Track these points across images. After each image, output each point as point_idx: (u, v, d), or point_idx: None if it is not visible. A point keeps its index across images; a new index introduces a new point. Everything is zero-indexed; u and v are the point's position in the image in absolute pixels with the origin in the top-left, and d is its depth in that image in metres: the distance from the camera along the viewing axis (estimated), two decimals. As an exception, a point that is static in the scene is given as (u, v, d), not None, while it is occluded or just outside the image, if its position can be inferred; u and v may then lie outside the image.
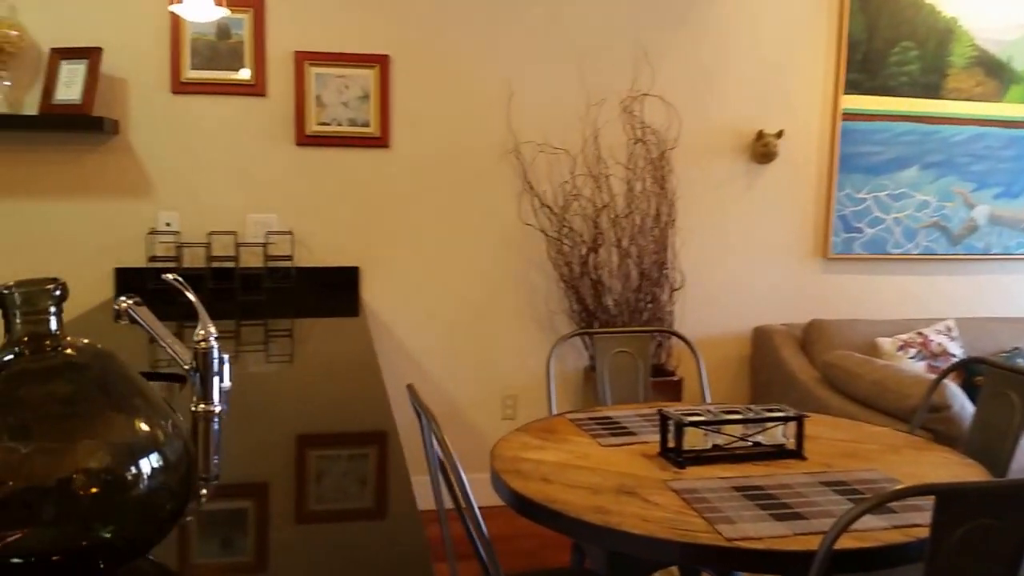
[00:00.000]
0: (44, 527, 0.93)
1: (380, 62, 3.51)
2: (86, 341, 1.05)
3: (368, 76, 3.51)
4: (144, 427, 1.02)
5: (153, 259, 3.40)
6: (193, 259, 3.44)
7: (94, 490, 0.94)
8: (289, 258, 3.51)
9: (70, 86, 3.21)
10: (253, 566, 1.07)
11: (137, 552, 1.01)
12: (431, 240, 3.65)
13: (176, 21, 3.35)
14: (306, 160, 3.52)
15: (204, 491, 1.33)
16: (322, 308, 3.17)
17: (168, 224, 3.45)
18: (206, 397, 1.76)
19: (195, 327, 1.80)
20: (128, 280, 3.41)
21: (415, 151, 3.60)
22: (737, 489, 1.79)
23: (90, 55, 3.23)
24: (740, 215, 3.92)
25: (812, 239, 4.01)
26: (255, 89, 3.45)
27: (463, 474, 1.68)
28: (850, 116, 3.94)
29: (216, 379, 1.78)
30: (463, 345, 3.71)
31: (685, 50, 3.77)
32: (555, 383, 3.79)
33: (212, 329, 1.78)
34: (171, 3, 2.59)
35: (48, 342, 1.00)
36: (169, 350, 1.77)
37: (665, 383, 3.54)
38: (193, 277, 3.41)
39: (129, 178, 3.41)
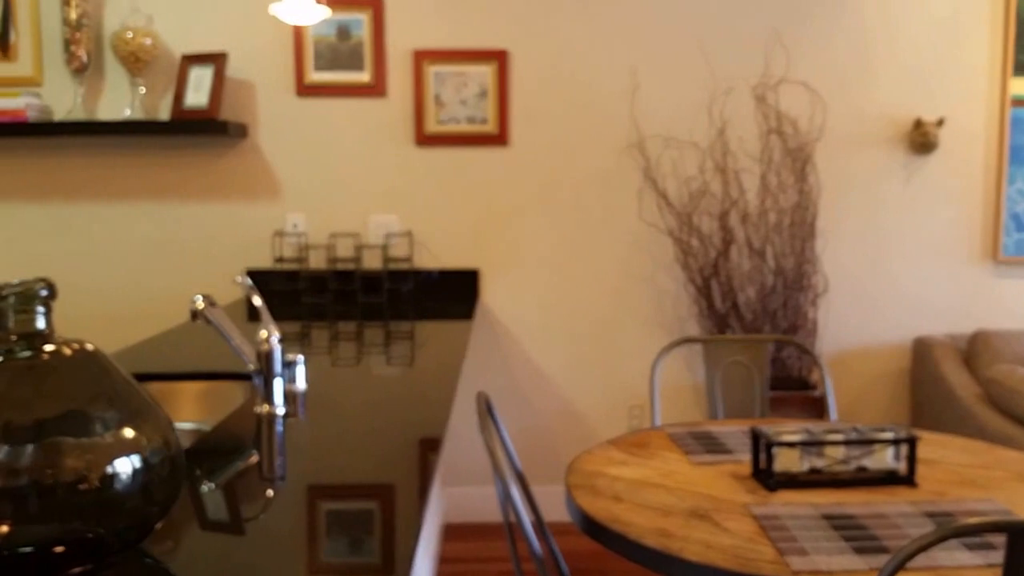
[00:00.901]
0: (22, 522, 0.92)
1: (498, 57, 3.44)
2: (76, 342, 1.03)
3: (486, 72, 3.45)
4: (123, 429, 0.99)
5: (279, 260, 3.48)
6: (318, 261, 3.49)
7: (65, 488, 0.93)
8: (409, 260, 3.50)
9: (198, 91, 3.34)
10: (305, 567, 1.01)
11: (115, 548, 0.99)
12: (552, 240, 3.54)
13: (298, 26, 3.41)
14: (425, 160, 3.50)
15: (270, 491, 1.30)
16: (440, 311, 3.12)
17: (295, 225, 3.52)
18: (269, 399, 1.74)
19: (321, 327, 1.78)
20: (257, 281, 3.51)
21: (534, 148, 3.50)
22: (826, 517, 1.57)
23: (216, 60, 3.35)
24: (895, 212, 3.56)
25: (979, 239, 3.59)
26: (375, 89, 3.46)
27: (514, 490, 1.56)
28: (1020, 102, 3.49)
29: (279, 381, 1.75)
30: (586, 350, 3.58)
31: (827, 30, 3.46)
32: (665, 394, 3.58)
33: (275, 331, 1.75)
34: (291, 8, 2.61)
35: (36, 341, 0.98)
36: (236, 351, 1.76)
37: (802, 398, 3.25)
38: (316, 279, 3.47)
39: (258, 180, 3.51)
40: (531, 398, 3.59)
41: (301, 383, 1.92)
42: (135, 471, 0.98)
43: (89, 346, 1.02)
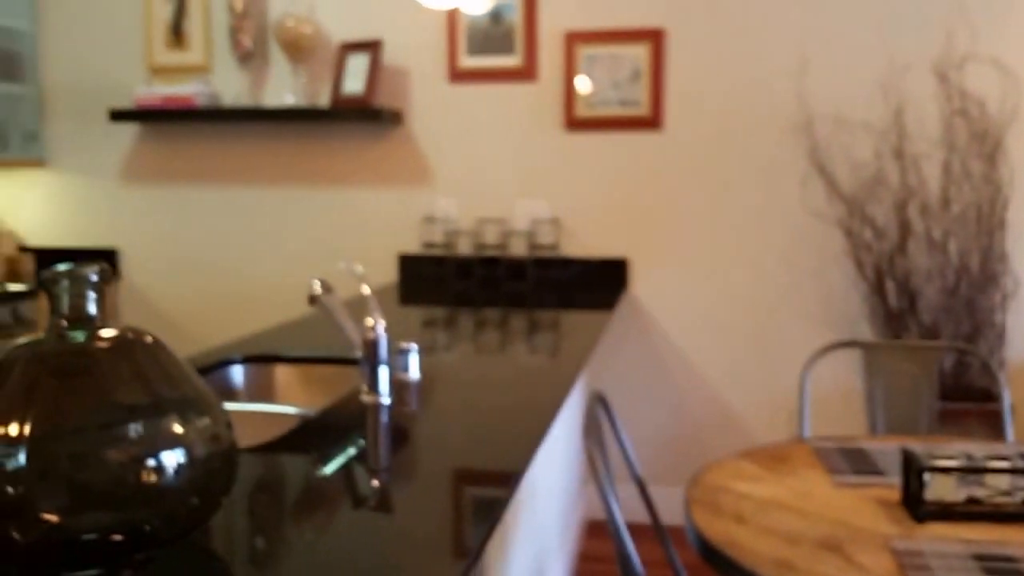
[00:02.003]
0: (71, 511, 0.90)
1: (654, 37, 3.27)
2: (131, 330, 1.01)
3: (640, 53, 3.29)
4: (170, 422, 0.96)
5: (428, 245, 3.49)
6: (465, 246, 3.47)
7: (110, 479, 0.91)
8: (555, 247, 3.41)
9: (355, 78, 3.38)
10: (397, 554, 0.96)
11: (163, 539, 0.96)
12: (708, 229, 3.34)
13: (452, 11, 3.39)
14: (574, 145, 3.39)
15: (375, 482, 1.28)
16: (583, 300, 3.02)
17: (445, 211, 3.51)
18: (374, 387, 1.70)
19: (462, 313, 1.74)
20: (407, 265, 3.54)
21: (690, 132, 3.31)
22: (978, 558, 1.35)
23: (372, 48, 3.38)
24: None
25: None
26: (525, 73, 3.38)
27: (610, 495, 1.44)
28: None
29: (384, 369, 1.71)
30: (742, 349, 3.36)
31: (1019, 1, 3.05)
32: (826, 402, 3.29)
33: (380, 320, 1.71)
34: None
35: (88, 326, 0.97)
36: (347, 338, 1.73)
37: (982, 412, 2.90)
38: (463, 264, 3.45)
39: (410, 166, 3.53)
40: (678, 395, 3.42)
41: (415, 372, 1.87)
42: (180, 465, 0.94)
43: (146, 336, 1.00)
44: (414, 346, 1.88)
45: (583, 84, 3.32)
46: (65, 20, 3.73)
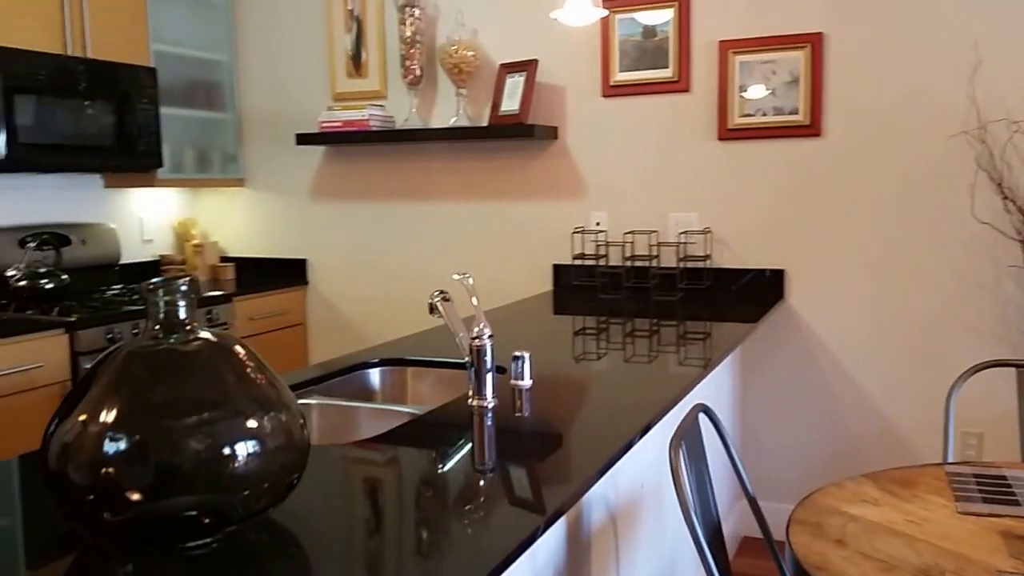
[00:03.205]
0: (158, 491, 1.04)
1: (812, 41, 3.17)
2: (218, 334, 1.15)
3: (797, 58, 3.20)
4: (246, 417, 1.08)
5: (579, 256, 3.56)
6: (616, 258, 3.52)
7: (184, 463, 1.03)
8: (706, 258, 3.38)
9: (512, 97, 3.52)
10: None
11: (236, 519, 1.08)
12: (871, 240, 3.19)
13: (606, 26, 3.45)
14: (728, 155, 3.35)
15: (481, 481, 1.36)
16: (735, 312, 2.98)
17: (598, 223, 3.58)
18: (479, 392, 1.80)
19: (617, 322, 1.81)
20: (560, 276, 3.63)
21: (851, 139, 3.18)
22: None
23: (528, 67, 3.50)
24: None
25: None
26: (678, 85, 3.38)
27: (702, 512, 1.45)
28: None
29: (489, 375, 1.80)
30: (907, 364, 3.18)
31: None
32: (997, 425, 3.03)
33: (487, 328, 1.81)
34: (596, 11, 2.66)
35: (179, 330, 1.12)
36: (459, 345, 1.84)
37: None
38: (613, 275, 3.49)
39: (565, 180, 3.62)
40: (834, 410, 3.28)
41: (527, 379, 1.95)
42: (252, 454, 1.06)
43: (229, 337, 1.14)
44: (526, 354, 1.96)
45: (755, 92, 3.28)
46: (260, 53, 4.14)
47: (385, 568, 1.05)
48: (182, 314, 1.11)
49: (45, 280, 3.26)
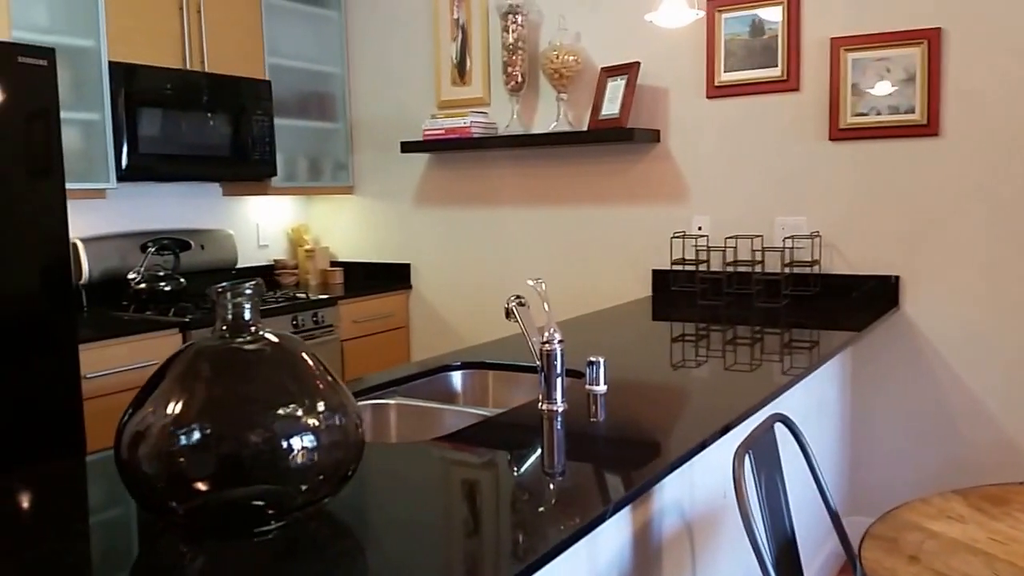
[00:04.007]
0: (223, 481, 1.09)
1: (928, 37, 3.00)
2: (279, 334, 1.19)
3: (914, 55, 3.03)
4: (304, 413, 1.12)
5: (679, 261, 3.48)
6: (718, 263, 3.43)
7: (246, 455, 1.08)
8: (814, 263, 3.24)
9: (613, 101, 3.49)
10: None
11: (288, 511, 1.13)
12: (991, 244, 2.98)
13: (711, 25, 3.37)
14: (839, 156, 3.21)
15: (551, 485, 1.36)
16: (845, 319, 2.85)
17: (700, 228, 3.50)
18: (549, 396, 1.79)
19: (717, 329, 1.79)
20: (659, 281, 3.57)
21: (971, 138, 2.98)
22: None
23: (629, 70, 3.46)
24: None
25: None
26: (787, 84, 3.27)
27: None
28: None
29: (559, 380, 1.78)
30: (1041, 379, 2.95)
31: None
32: None
33: (557, 333, 1.79)
34: (699, 12, 2.62)
35: (245, 330, 1.17)
36: (531, 350, 1.84)
37: None
38: (715, 281, 3.40)
39: (667, 183, 3.56)
40: (951, 422, 3.08)
41: (602, 385, 1.92)
42: (307, 448, 1.10)
43: (292, 339, 1.18)
44: (601, 359, 1.93)
45: (869, 90, 3.13)
46: (370, 64, 4.26)
47: (429, 550, 1.08)
48: (247, 316, 1.16)
49: (163, 283, 3.45)
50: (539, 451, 1.52)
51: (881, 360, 3.21)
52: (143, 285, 3.45)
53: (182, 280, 3.54)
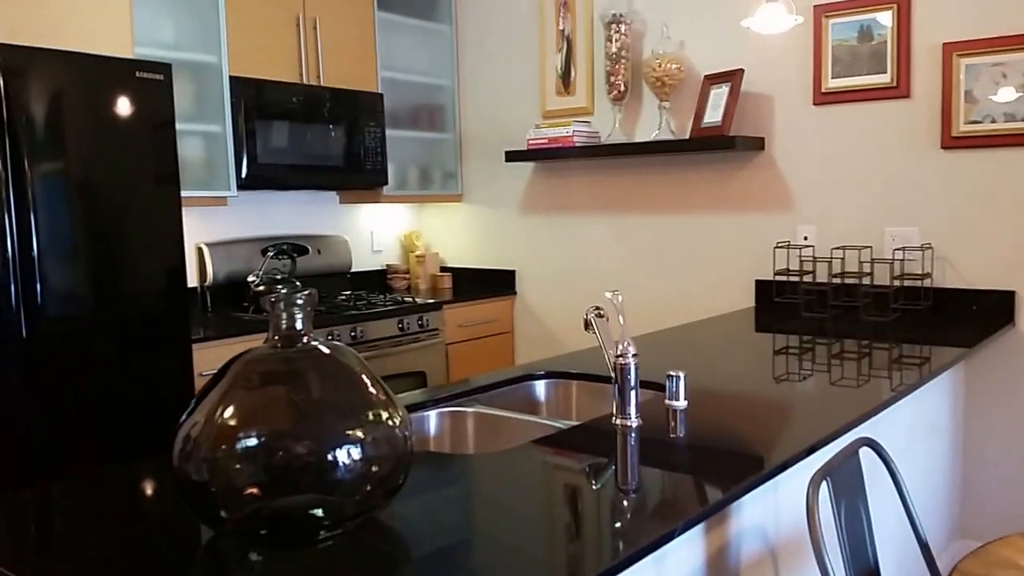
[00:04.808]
0: (274, 490, 1.13)
1: (1051, 40, 2.85)
2: (330, 344, 1.25)
3: (1035, 59, 2.88)
4: (352, 426, 1.16)
5: (781, 272, 3.42)
6: (823, 274, 3.34)
7: (292, 464, 1.12)
8: (926, 276, 3.12)
9: (715, 109, 3.46)
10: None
11: (337, 521, 1.17)
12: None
13: (817, 30, 3.29)
14: (952, 165, 3.08)
15: (625, 502, 1.37)
16: (952, 336, 2.74)
17: (805, 237, 3.42)
18: (623, 410, 1.81)
19: (822, 343, 1.78)
20: (763, 292, 3.51)
21: (1100, 146, 2.81)
22: None
23: (732, 77, 3.43)
24: None
25: None
26: (897, 91, 3.16)
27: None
28: None
29: (633, 393, 1.80)
30: None
31: None
32: None
33: (631, 346, 1.81)
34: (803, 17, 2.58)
35: (296, 339, 1.25)
36: (607, 363, 1.87)
37: None
38: (820, 292, 3.32)
39: (771, 192, 3.50)
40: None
41: (682, 400, 1.92)
42: (354, 459, 1.13)
43: (343, 348, 1.25)
44: (681, 374, 1.94)
45: (986, 97, 3.00)
46: (478, 76, 4.36)
47: (479, 562, 1.12)
48: (299, 325, 1.23)
49: (280, 286, 3.65)
50: (607, 466, 1.55)
51: (995, 379, 3.06)
52: (261, 287, 3.66)
53: (297, 283, 3.73)
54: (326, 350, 1.23)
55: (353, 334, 3.50)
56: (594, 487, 1.43)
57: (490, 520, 1.28)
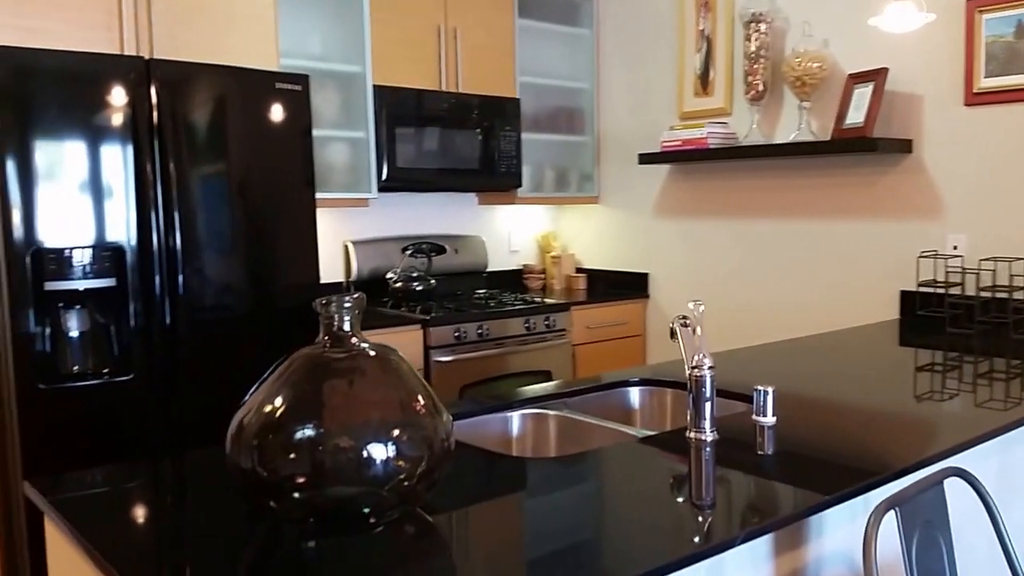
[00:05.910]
0: (313, 484, 1.21)
1: None
2: (376, 347, 1.32)
3: None
4: (392, 425, 1.23)
5: (925, 284, 3.21)
6: (973, 286, 3.11)
7: (335, 459, 1.20)
8: (1089, 293, 2.85)
9: (858, 109, 3.30)
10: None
11: (378, 514, 1.25)
12: None
13: (970, 28, 3.07)
14: (1123, 171, 2.79)
15: (699, 517, 1.36)
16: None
17: (955, 247, 3.21)
18: (697, 424, 1.78)
19: (968, 361, 1.75)
20: (909, 303, 3.31)
21: None
22: None
23: (876, 77, 3.25)
24: None
25: None
26: (1060, 90, 2.90)
27: None
28: None
29: (708, 406, 1.77)
30: None
31: None
32: None
33: (708, 359, 1.79)
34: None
35: (345, 342, 1.33)
36: (687, 375, 1.85)
37: None
38: (967, 306, 3.10)
39: (918, 198, 3.30)
40: None
41: (770, 416, 1.87)
42: (390, 456, 1.20)
43: (388, 351, 1.33)
44: (770, 389, 1.89)
45: None
46: (617, 79, 4.36)
47: (514, 560, 1.16)
48: (347, 327, 1.31)
49: (416, 283, 3.81)
50: (695, 484, 1.53)
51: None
52: (399, 284, 3.84)
53: (432, 281, 3.89)
54: (372, 353, 1.31)
55: (480, 332, 3.60)
56: (642, 499, 1.43)
57: (547, 524, 1.32)
